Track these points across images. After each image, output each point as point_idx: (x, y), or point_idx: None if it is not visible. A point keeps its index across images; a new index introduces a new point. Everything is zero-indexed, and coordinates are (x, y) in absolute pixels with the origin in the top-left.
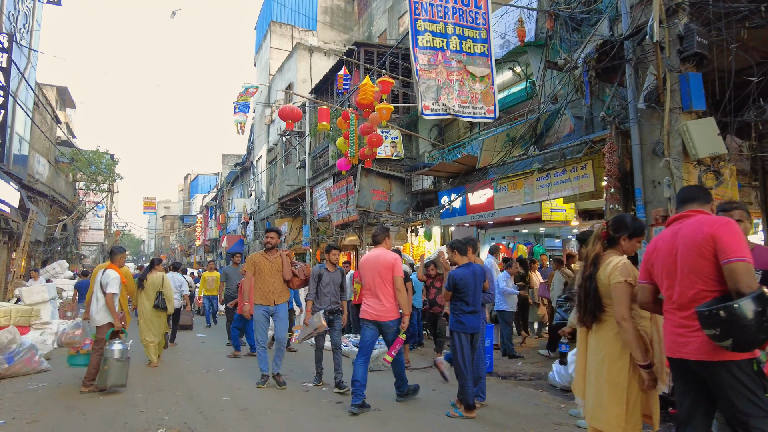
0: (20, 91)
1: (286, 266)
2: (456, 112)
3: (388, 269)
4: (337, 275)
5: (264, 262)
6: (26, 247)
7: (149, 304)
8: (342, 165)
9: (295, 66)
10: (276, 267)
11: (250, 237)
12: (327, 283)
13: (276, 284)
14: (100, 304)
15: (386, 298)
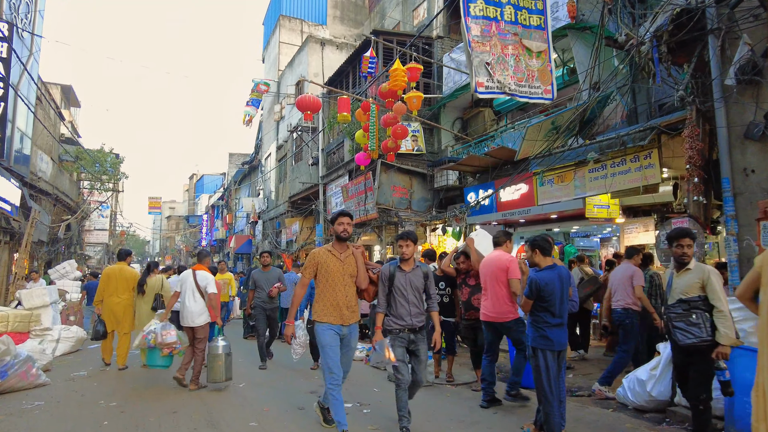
0: (22, 85)
1: (361, 269)
2: (512, 90)
3: (503, 271)
4: (418, 276)
5: (333, 262)
6: (28, 248)
7: (147, 308)
8: (361, 160)
9: (306, 59)
10: (349, 270)
11: (259, 237)
12: (403, 287)
13: (350, 295)
14: (199, 305)
15: (502, 300)
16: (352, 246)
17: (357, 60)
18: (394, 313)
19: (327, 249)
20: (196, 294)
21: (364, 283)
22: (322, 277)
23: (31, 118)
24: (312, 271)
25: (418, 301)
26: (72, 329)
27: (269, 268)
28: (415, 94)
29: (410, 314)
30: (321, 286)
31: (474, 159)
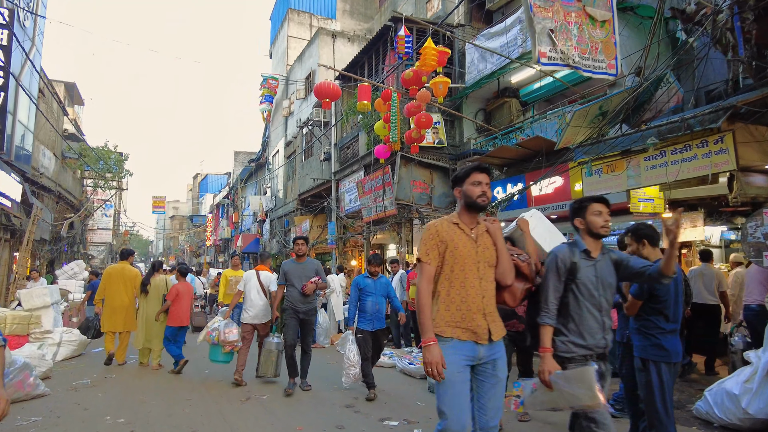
0: (24, 77)
1: (504, 255)
2: (576, 63)
3: None
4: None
5: (464, 242)
6: (30, 246)
7: (151, 308)
8: (380, 152)
9: (317, 52)
10: (486, 255)
11: (266, 236)
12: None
13: (489, 295)
14: (263, 303)
15: None
16: (485, 220)
17: (373, 50)
18: (577, 329)
19: (451, 221)
20: (260, 293)
21: (509, 276)
22: (447, 266)
23: (33, 111)
24: (437, 253)
25: (609, 306)
26: (74, 332)
27: (304, 259)
28: (441, 79)
29: (603, 328)
30: (442, 279)
31: (504, 150)
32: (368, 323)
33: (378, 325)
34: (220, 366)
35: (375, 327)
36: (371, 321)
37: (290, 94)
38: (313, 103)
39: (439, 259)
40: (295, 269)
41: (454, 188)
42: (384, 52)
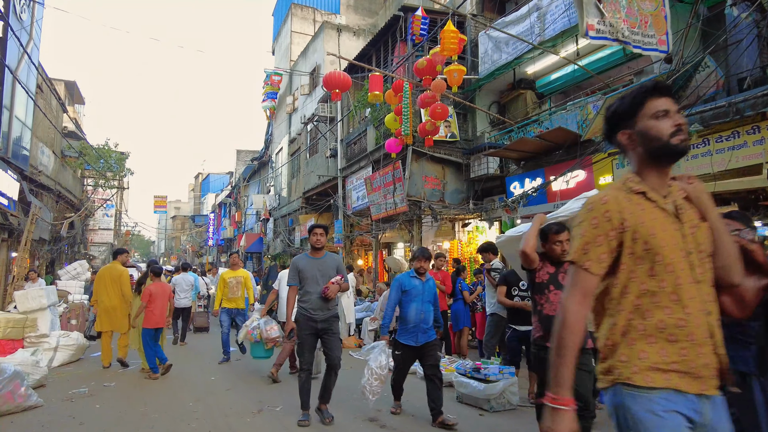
0: (21, 71)
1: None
2: (625, 38)
3: None
4: None
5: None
6: (28, 246)
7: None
8: (391, 146)
9: (321, 47)
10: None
11: (270, 235)
12: None
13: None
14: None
15: None
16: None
17: (381, 42)
18: None
19: (631, 189)
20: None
21: (736, 269)
22: (639, 268)
23: (31, 107)
24: (608, 250)
25: None
26: (72, 335)
27: (322, 253)
28: (456, 67)
29: None
30: (632, 290)
31: (524, 143)
32: (410, 336)
33: (423, 338)
34: (227, 373)
35: (420, 341)
36: (414, 334)
37: (294, 90)
38: (319, 99)
39: (611, 259)
40: (312, 266)
41: (617, 134)
42: (393, 43)
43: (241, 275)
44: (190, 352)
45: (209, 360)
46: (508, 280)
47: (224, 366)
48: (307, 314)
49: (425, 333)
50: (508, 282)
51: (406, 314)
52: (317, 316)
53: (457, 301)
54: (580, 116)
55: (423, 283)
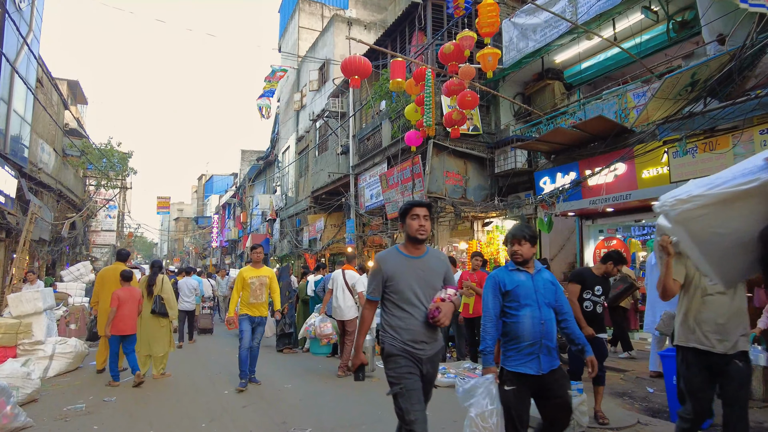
0: (20, 64)
1: None
2: None
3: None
4: None
5: None
6: (27, 246)
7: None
8: (411, 139)
9: (331, 41)
10: None
11: (276, 236)
12: None
13: None
14: (349, 301)
15: None
16: None
17: (397, 32)
18: None
19: None
20: (345, 291)
21: None
22: None
23: (30, 102)
24: None
25: None
26: (70, 342)
27: (424, 248)
28: (490, 50)
29: None
30: None
31: (559, 134)
32: (529, 362)
33: (547, 362)
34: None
35: (543, 368)
36: (534, 357)
37: (302, 87)
38: (329, 94)
39: None
40: (409, 270)
41: None
42: (410, 33)
43: (265, 275)
44: (198, 359)
45: (219, 369)
46: (585, 279)
47: (237, 377)
48: (408, 347)
49: (549, 354)
50: (585, 282)
51: (516, 328)
52: (421, 351)
53: None
54: (618, 105)
55: (532, 276)
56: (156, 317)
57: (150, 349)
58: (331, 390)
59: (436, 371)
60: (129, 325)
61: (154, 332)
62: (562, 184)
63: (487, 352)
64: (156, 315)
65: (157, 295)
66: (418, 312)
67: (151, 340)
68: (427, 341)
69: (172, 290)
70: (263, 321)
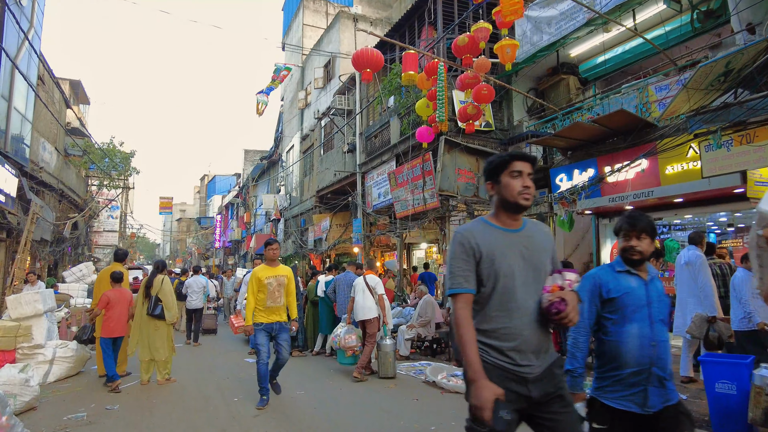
0: (21, 61)
1: None
2: None
3: None
4: None
5: None
6: (28, 246)
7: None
8: (423, 135)
9: (337, 37)
10: None
11: (281, 236)
12: None
13: None
14: (369, 301)
15: None
16: None
17: (406, 26)
18: None
19: None
20: (366, 293)
21: None
22: None
23: (31, 99)
24: None
25: None
26: (71, 345)
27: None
28: (508, 42)
29: None
30: None
31: (577, 129)
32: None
33: (658, 397)
34: (251, 392)
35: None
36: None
37: (306, 85)
38: (334, 91)
39: None
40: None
41: None
42: (420, 27)
43: (283, 274)
44: (204, 362)
45: (226, 374)
46: None
47: (248, 382)
48: (507, 363)
49: (662, 386)
50: None
51: (617, 348)
52: (528, 369)
53: None
54: (638, 99)
55: (646, 284)
56: (152, 320)
57: (151, 353)
58: (347, 395)
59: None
60: (119, 328)
61: (152, 336)
62: (582, 181)
63: (578, 373)
64: (153, 317)
65: (154, 296)
66: (528, 306)
67: (151, 344)
68: (536, 352)
69: (172, 292)
70: (285, 326)
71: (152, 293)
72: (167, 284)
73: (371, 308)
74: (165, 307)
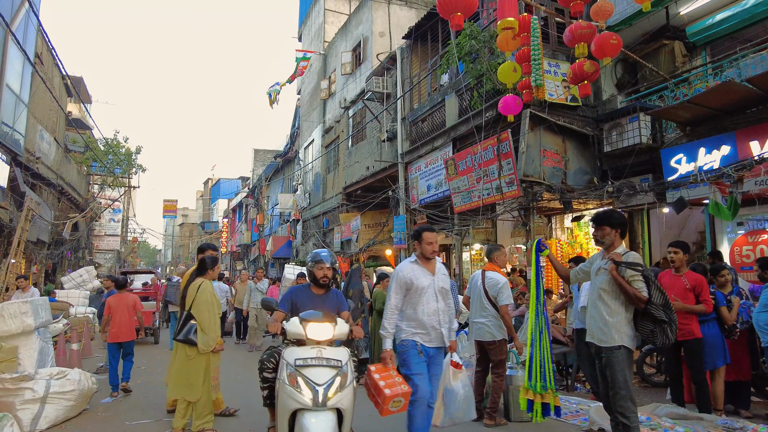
0: (16, 30)
1: None
2: None
3: None
4: None
5: None
6: (22, 247)
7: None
8: (509, 106)
9: (369, 17)
10: None
11: (299, 238)
12: None
13: None
14: (489, 316)
15: None
16: None
17: None
18: None
19: None
20: (484, 301)
21: None
22: None
23: (27, 78)
24: None
25: None
26: (71, 375)
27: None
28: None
29: None
30: None
31: (725, 92)
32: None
33: None
34: None
35: None
36: None
37: (330, 73)
38: (367, 75)
39: None
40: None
41: None
42: None
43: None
44: (245, 390)
45: None
46: None
47: None
48: None
49: None
50: None
51: None
52: None
53: (709, 321)
54: None
55: None
56: (183, 345)
57: (181, 390)
58: None
59: None
60: (123, 332)
61: (183, 366)
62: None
63: None
64: (180, 342)
65: (186, 311)
66: None
67: (181, 378)
68: None
69: (214, 304)
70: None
71: (186, 307)
72: (206, 293)
73: (493, 325)
74: (199, 328)
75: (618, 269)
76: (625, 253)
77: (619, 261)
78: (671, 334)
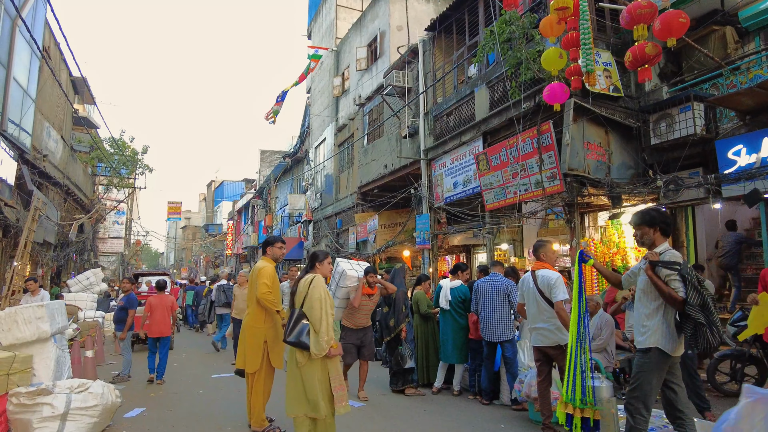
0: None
1: None
2: None
3: None
4: None
5: None
6: (29, 248)
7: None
8: (556, 94)
9: (385, 10)
10: None
11: (311, 239)
12: None
13: None
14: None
15: None
16: None
17: None
18: None
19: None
20: (541, 303)
21: None
22: None
23: (35, 72)
24: None
25: None
26: (94, 388)
27: None
28: None
29: None
30: None
31: None
32: None
33: None
34: None
35: None
36: None
37: (343, 69)
38: (384, 71)
39: None
40: None
41: None
42: None
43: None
44: None
45: None
46: None
47: None
48: None
49: None
50: None
51: None
52: None
53: None
54: None
55: None
56: (294, 350)
57: (298, 405)
58: None
59: None
60: (159, 329)
61: (299, 377)
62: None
63: None
64: (291, 345)
65: (298, 310)
66: None
67: (296, 390)
68: None
69: (328, 299)
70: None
71: (296, 305)
72: (318, 288)
73: (556, 329)
74: (312, 329)
75: (654, 269)
76: (664, 252)
77: (655, 260)
78: (712, 338)
